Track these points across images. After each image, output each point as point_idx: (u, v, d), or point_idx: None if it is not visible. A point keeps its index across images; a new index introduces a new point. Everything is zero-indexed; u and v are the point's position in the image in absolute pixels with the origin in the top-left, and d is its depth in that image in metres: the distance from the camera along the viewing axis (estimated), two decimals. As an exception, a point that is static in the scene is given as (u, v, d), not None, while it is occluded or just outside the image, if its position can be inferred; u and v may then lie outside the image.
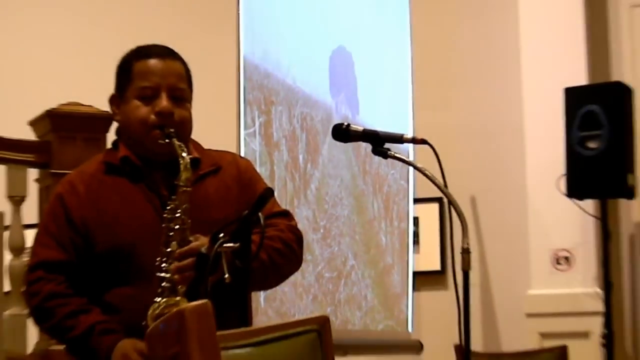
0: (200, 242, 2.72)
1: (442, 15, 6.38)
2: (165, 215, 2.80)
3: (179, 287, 2.73)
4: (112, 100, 3.05)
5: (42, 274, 2.88)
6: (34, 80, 6.63)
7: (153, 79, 2.94)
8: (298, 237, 3.04)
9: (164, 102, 2.90)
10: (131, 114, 2.94)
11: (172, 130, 2.86)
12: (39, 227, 3.08)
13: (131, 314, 2.78)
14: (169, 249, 2.76)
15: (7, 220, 4.33)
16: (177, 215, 2.78)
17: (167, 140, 2.85)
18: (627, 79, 5.95)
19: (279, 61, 4.56)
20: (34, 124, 4.58)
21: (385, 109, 5.80)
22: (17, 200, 4.48)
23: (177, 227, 2.78)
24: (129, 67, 2.99)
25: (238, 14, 4.16)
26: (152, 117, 2.90)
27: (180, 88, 2.97)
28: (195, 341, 1.65)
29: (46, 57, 6.87)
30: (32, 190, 4.53)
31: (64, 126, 4.45)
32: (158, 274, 2.75)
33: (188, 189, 2.81)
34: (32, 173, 4.54)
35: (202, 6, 6.42)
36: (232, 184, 3.01)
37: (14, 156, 4.52)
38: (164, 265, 2.76)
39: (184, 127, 2.95)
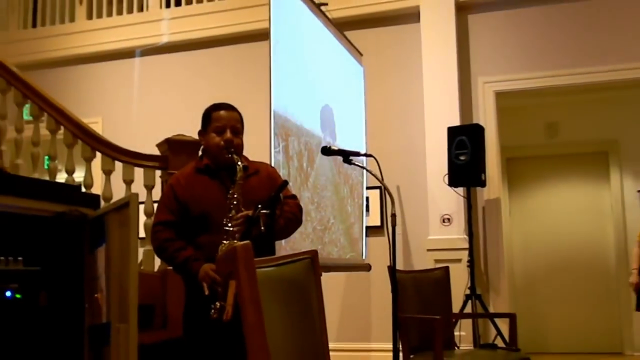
0: (248, 211, 2.74)
1: (382, 84, 6.32)
2: (228, 197, 2.81)
3: (236, 235, 2.74)
4: (200, 133, 3.05)
5: (160, 228, 2.91)
6: (159, 121, 6.56)
7: (222, 121, 2.95)
8: (301, 210, 3.06)
9: (228, 134, 2.91)
10: (210, 141, 2.95)
11: (232, 150, 2.89)
12: (159, 202, 3.07)
13: (210, 251, 2.77)
14: (230, 215, 2.76)
15: (142, 198, 4.34)
16: (235, 197, 2.80)
17: (230, 155, 2.87)
18: (481, 122, 5.92)
19: (293, 112, 4.53)
20: (159, 146, 4.53)
21: (350, 137, 5.80)
22: (149, 187, 4.42)
23: (235, 203, 2.78)
24: (209, 114, 3.00)
25: (270, 84, 4.16)
26: (222, 143, 2.91)
27: (237, 127, 2.97)
28: (242, 263, 1.65)
29: (167, 109, 6.85)
30: (157, 182, 4.53)
31: (175, 147, 4.41)
32: (225, 228, 2.76)
33: (241, 182, 2.83)
34: (157, 173, 4.54)
35: (251, 78, 6.35)
36: (265, 180, 2.99)
37: (148, 164, 4.47)
38: (228, 223, 2.77)
39: (239, 148, 2.96)
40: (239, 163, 2.85)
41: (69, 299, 1.76)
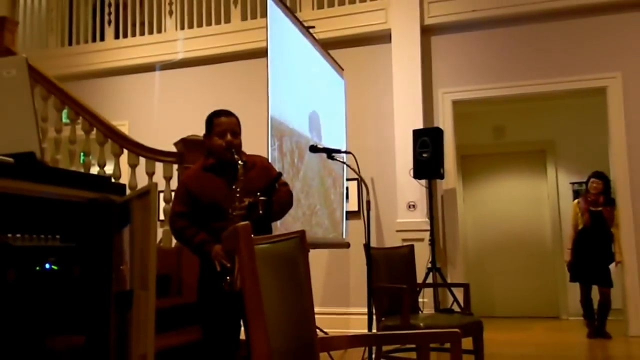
0: (248, 200, 2.71)
1: (359, 94, 6.32)
2: (232, 189, 2.79)
3: (239, 219, 2.72)
4: (204, 136, 2.98)
5: (176, 218, 2.88)
6: (176, 123, 6.51)
7: (223, 126, 2.87)
8: (291, 195, 3.02)
9: (228, 137, 2.85)
10: (214, 142, 2.89)
11: (233, 149, 2.86)
12: (174, 196, 3.01)
13: (219, 234, 2.77)
14: (234, 204, 2.75)
15: (162, 187, 4.33)
16: (238, 189, 2.77)
17: (231, 155, 2.85)
18: (441, 125, 5.92)
19: (287, 116, 4.52)
20: (176, 144, 4.52)
21: (333, 137, 5.79)
22: (167, 178, 4.42)
23: (237, 194, 2.76)
24: (211, 120, 2.92)
25: (267, 93, 4.14)
26: (224, 144, 2.87)
27: (235, 130, 2.88)
28: (243, 241, 1.65)
29: (182, 113, 6.80)
30: (174, 174, 4.51)
31: (188, 145, 4.39)
32: (230, 215, 2.74)
33: (242, 177, 2.80)
34: (174, 166, 4.52)
35: (252, 88, 6.33)
36: (261, 172, 2.93)
37: (167, 159, 4.48)
38: (233, 212, 2.75)
39: (238, 147, 2.91)
40: (240, 162, 2.82)
41: (98, 270, 1.75)
